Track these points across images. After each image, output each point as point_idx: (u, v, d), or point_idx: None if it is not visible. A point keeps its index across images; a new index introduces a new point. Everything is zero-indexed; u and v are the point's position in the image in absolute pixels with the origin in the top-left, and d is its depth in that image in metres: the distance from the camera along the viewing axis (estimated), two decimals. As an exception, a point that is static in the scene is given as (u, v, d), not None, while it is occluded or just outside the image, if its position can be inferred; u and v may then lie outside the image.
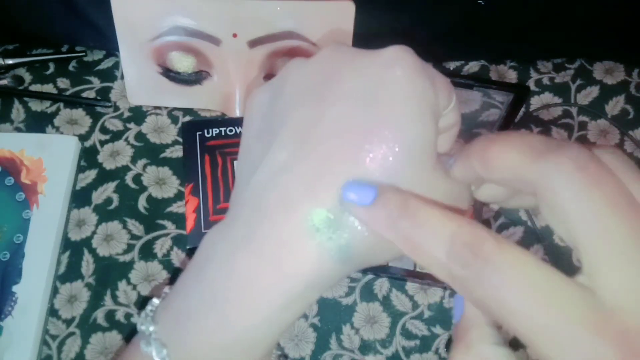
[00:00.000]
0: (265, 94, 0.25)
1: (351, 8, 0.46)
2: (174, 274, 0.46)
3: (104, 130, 0.51)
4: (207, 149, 0.48)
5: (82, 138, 0.51)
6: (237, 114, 0.50)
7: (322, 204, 0.21)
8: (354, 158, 0.21)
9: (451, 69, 0.55)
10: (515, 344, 0.22)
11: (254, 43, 0.47)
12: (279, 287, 0.22)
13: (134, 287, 0.46)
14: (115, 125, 0.52)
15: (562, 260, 0.47)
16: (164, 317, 0.24)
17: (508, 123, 0.44)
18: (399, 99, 0.21)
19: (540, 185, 0.18)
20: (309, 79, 0.23)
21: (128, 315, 0.45)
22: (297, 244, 0.22)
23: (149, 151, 0.50)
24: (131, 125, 0.52)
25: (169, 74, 0.50)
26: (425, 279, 0.46)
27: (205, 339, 0.23)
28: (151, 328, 0.24)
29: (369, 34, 0.47)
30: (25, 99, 0.53)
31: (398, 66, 0.22)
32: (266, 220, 0.22)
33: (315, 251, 0.21)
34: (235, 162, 0.47)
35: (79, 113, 0.52)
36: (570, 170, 0.17)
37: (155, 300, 0.25)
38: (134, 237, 0.47)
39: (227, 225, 0.24)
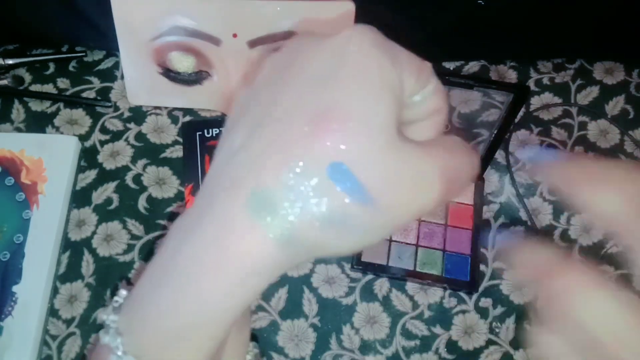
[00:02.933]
0: (242, 90, 0.25)
1: (351, 8, 0.46)
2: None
3: (104, 130, 0.51)
4: (207, 149, 0.48)
5: (82, 138, 0.51)
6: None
7: (265, 184, 0.20)
8: (303, 137, 0.20)
9: (451, 69, 0.55)
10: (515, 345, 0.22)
11: (254, 43, 0.47)
12: (223, 270, 0.21)
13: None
14: (115, 125, 0.52)
15: (562, 260, 0.47)
16: (125, 306, 0.24)
17: (508, 123, 0.44)
18: (353, 75, 0.20)
19: None
20: (274, 69, 0.23)
21: (128, 315, 0.45)
22: (239, 225, 0.21)
23: (149, 151, 0.51)
24: (131, 125, 0.52)
25: (169, 74, 0.50)
26: (425, 279, 0.46)
27: (153, 325, 0.23)
28: (111, 317, 0.24)
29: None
30: (26, 99, 0.53)
31: (353, 43, 0.21)
32: (214, 203, 0.21)
33: (256, 233, 0.20)
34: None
35: (79, 113, 0.52)
36: None
37: (123, 291, 0.25)
38: (134, 237, 0.47)
39: (185, 213, 0.23)
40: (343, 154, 0.19)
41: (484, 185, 0.50)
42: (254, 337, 0.44)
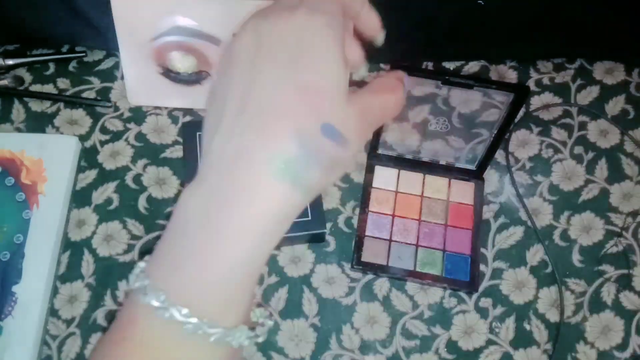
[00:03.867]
0: (216, 74, 0.30)
1: (351, 8, 0.45)
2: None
3: (104, 130, 0.51)
4: (207, 149, 0.48)
5: (82, 138, 0.51)
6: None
7: (278, 149, 0.26)
8: (295, 108, 0.26)
9: (451, 69, 0.55)
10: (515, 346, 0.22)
11: (254, 43, 0.47)
12: (251, 225, 0.26)
13: None
14: (115, 125, 0.52)
15: (562, 260, 0.47)
16: (154, 272, 0.27)
17: (508, 123, 0.44)
18: (317, 56, 0.27)
19: None
20: (242, 51, 0.28)
21: (128, 315, 0.45)
22: (266, 186, 0.26)
23: (149, 151, 0.51)
24: (131, 125, 0.52)
25: (169, 74, 0.50)
26: (425, 279, 0.46)
27: (189, 280, 0.26)
28: (146, 282, 0.27)
29: (369, 34, 0.47)
30: (26, 99, 0.53)
31: (309, 29, 0.28)
32: (230, 172, 0.26)
33: (282, 189, 0.26)
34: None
35: (79, 113, 0.52)
36: None
37: (141, 264, 0.28)
38: (134, 237, 0.47)
39: (197, 185, 0.27)
40: (325, 116, 0.27)
41: (484, 185, 0.50)
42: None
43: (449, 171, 0.50)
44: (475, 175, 0.50)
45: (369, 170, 0.50)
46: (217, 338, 0.27)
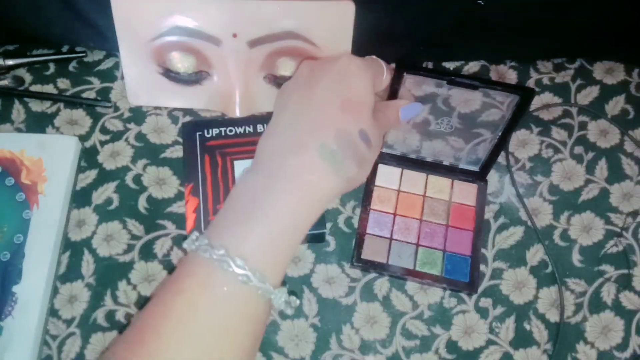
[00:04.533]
0: (284, 88, 0.40)
1: (351, 8, 0.46)
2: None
3: (104, 130, 0.51)
4: (207, 149, 0.48)
5: (83, 138, 0.51)
6: (237, 114, 0.50)
7: (328, 141, 0.35)
8: (340, 115, 0.36)
9: (451, 69, 0.55)
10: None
11: (254, 43, 0.47)
12: (311, 194, 0.34)
13: (134, 287, 0.46)
14: (115, 125, 0.52)
15: (562, 260, 0.47)
16: (212, 234, 0.33)
17: (512, 125, 0.44)
18: (357, 80, 0.38)
19: None
20: (302, 75, 0.39)
21: (128, 315, 0.45)
22: (314, 167, 0.34)
23: (149, 151, 0.51)
24: (131, 125, 0.52)
25: (169, 74, 0.50)
26: (425, 278, 0.46)
27: (245, 237, 0.33)
28: (205, 241, 0.32)
29: (369, 34, 0.47)
30: (26, 99, 0.53)
31: (352, 64, 0.39)
32: (286, 156, 0.35)
33: (329, 173, 0.35)
34: (235, 161, 0.47)
35: (79, 113, 0.52)
36: None
37: (195, 233, 0.34)
38: (134, 237, 0.47)
39: (252, 172, 0.36)
40: (361, 123, 0.37)
41: (487, 186, 0.50)
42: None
43: (452, 172, 0.50)
44: (479, 176, 0.50)
45: (373, 169, 0.50)
46: (263, 292, 0.32)
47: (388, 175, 0.50)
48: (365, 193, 0.49)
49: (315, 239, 0.47)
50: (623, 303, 0.46)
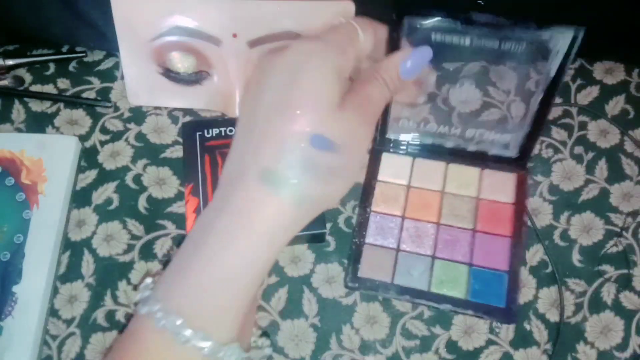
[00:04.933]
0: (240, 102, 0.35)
1: (351, 8, 0.46)
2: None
3: (104, 130, 0.51)
4: (207, 149, 0.48)
5: (82, 138, 0.51)
6: (237, 114, 0.50)
7: (270, 164, 0.29)
8: (285, 126, 0.29)
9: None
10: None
11: (254, 43, 0.47)
12: (255, 231, 0.28)
13: (134, 287, 0.46)
14: (115, 125, 0.52)
15: (562, 260, 0.47)
16: (158, 285, 0.30)
17: (555, 84, 0.33)
18: (310, 72, 0.30)
19: None
20: (252, 83, 0.32)
21: (128, 315, 0.45)
22: (260, 198, 0.29)
23: (149, 151, 0.51)
24: (131, 125, 0.52)
25: (169, 74, 0.50)
26: (443, 303, 0.42)
27: (195, 282, 0.28)
28: (147, 293, 0.29)
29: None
30: (26, 99, 0.53)
31: (302, 53, 0.31)
32: (235, 187, 0.29)
33: (274, 201, 0.29)
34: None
35: (79, 113, 0.52)
36: None
37: (148, 279, 0.31)
38: (134, 237, 0.47)
39: (207, 206, 0.31)
40: (315, 126, 0.29)
41: (529, 176, 0.39)
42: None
43: (480, 159, 0.39)
44: (517, 164, 0.39)
45: (374, 159, 0.41)
46: (209, 352, 0.27)
47: (395, 167, 0.40)
48: (364, 190, 0.40)
49: (315, 239, 0.47)
50: (623, 303, 0.46)
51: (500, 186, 0.39)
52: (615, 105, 0.53)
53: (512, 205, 0.39)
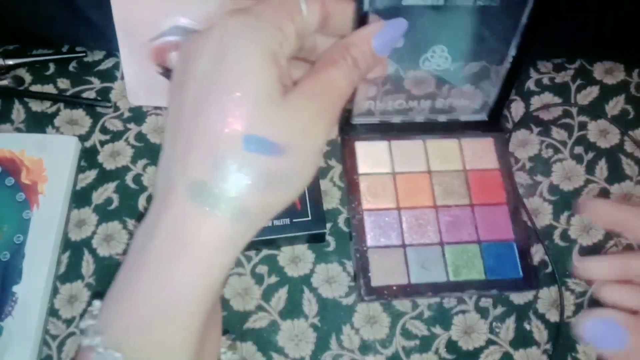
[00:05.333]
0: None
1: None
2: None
3: (104, 130, 0.51)
4: (207, 149, 0.48)
5: (82, 138, 0.51)
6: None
7: (198, 176, 0.24)
8: (211, 130, 0.24)
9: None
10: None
11: (254, 43, 0.47)
12: (189, 255, 0.24)
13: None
14: (115, 125, 0.52)
15: (562, 260, 0.47)
16: (101, 311, 0.27)
17: (527, 45, 0.32)
18: (237, 58, 0.24)
19: None
20: (174, 80, 0.27)
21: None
22: (191, 215, 0.24)
23: (149, 151, 0.51)
24: (131, 125, 0.52)
25: (169, 74, 0.50)
26: (467, 289, 0.41)
27: (132, 314, 0.25)
28: (88, 322, 0.26)
29: None
30: (26, 99, 0.53)
31: (226, 35, 0.24)
32: (165, 202, 0.25)
33: (207, 218, 0.24)
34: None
35: (79, 113, 0.52)
36: None
37: (97, 302, 0.28)
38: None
39: (144, 219, 0.26)
40: (247, 127, 0.23)
41: (505, 136, 0.38)
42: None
43: (453, 130, 0.37)
44: (490, 126, 0.37)
45: (348, 151, 0.38)
46: None
47: (373, 155, 0.37)
48: (348, 190, 0.37)
49: (315, 239, 0.47)
50: (623, 303, 0.46)
51: (481, 153, 0.37)
52: (615, 105, 0.53)
53: (498, 170, 0.38)
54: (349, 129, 0.37)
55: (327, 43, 0.29)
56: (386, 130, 0.36)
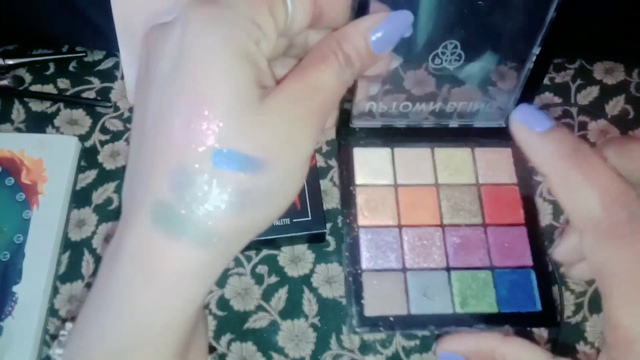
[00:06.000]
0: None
1: (351, 8, 0.45)
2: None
3: (104, 130, 0.51)
4: (207, 149, 0.47)
5: (82, 138, 0.51)
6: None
7: (161, 198, 0.20)
8: (176, 145, 0.21)
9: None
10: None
11: (254, 43, 0.47)
12: (154, 286, 0.21)
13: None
14: (115, 125, 0.52)
15: (562, 260, 0.47)
16: (68, 340, 0.25)
17: (553, 44, 0.29)
18: (203, 57, 0.21)
19: None
20: (137, 86, 0.24)
21: None
22: (155, 241, 0.21)
23: (149, 151, 0.50)
24: (131, 125, 0.51)
25: (169, 74, 0.50)
26: (475, 323, 0.35)
27: (97, 349, 0.23)
28: (57, 351, 0.25)
29: None
30: (26, 99, 0.53)
31: (189, 31, 0.21)
32: (128, 225, 0.22)
33: (173, 244, 0.21)
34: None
35: (79, 113, 0.52)
36: None
37: (69, 325, 0.26)
38: (134, 237, 0.47)
39: (113, 237, 0.24)
40: (216, 141, 0.20)
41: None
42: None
43: (466, 137, 0.33)
44: (509, 134, 0.29)
45: (344, 158, 0.34)
46: None
47: (372, 164, 0.33)
48: (343, 203, 0.33)
49: (315, 239, 0.47)
50: (623, 303, 0.46)
51: (497, 165, 0.33)
52: (615, 105, 0.53)
53: (516, 185, 0.33)
54: (347, 133, 0.33)
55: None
56: (389, 136, 0.32)
